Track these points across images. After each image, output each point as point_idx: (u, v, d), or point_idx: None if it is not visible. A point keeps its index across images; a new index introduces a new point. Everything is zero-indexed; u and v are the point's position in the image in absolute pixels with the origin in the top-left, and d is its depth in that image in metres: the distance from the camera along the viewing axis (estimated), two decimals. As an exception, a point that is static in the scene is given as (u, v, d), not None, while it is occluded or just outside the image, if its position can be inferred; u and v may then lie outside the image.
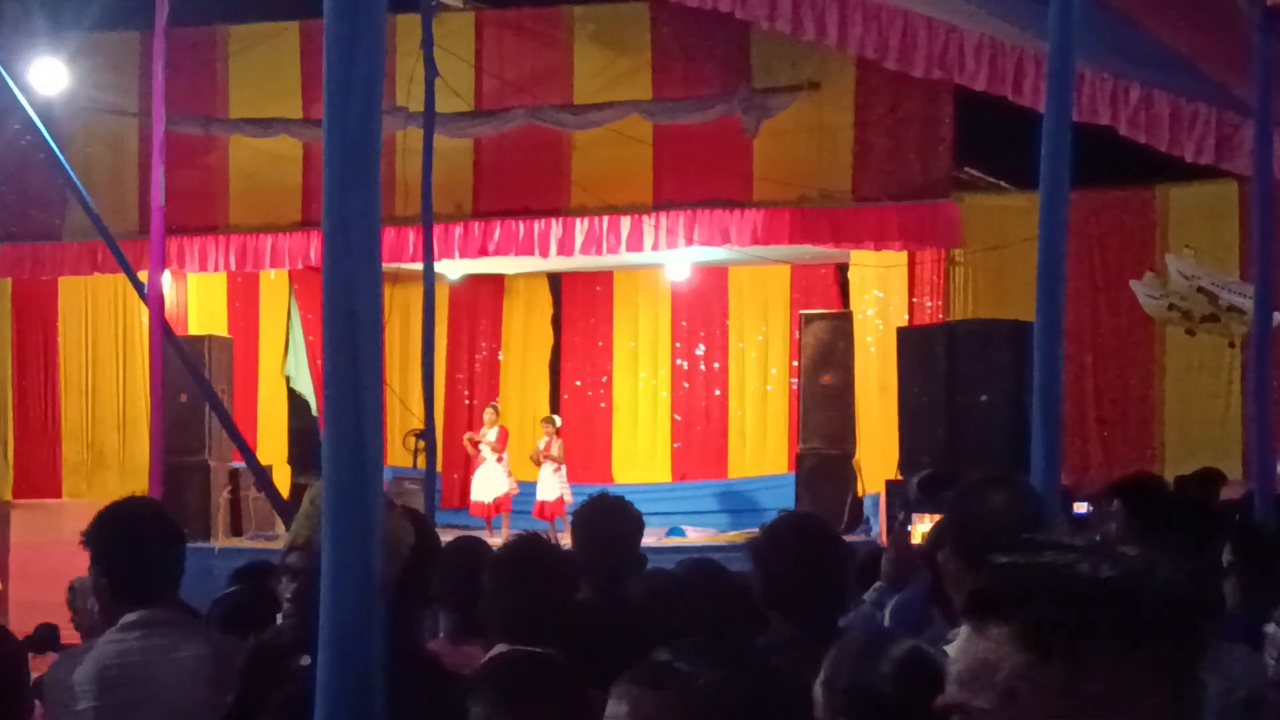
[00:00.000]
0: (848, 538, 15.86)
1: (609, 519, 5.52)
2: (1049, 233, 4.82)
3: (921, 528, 8.76)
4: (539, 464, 19.96)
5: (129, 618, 4.52)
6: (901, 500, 12.72)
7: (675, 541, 18.09)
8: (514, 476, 20.12)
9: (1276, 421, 8.48)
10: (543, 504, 19.70)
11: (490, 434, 20.23)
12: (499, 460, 20.05)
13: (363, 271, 2.50)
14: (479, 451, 20.31)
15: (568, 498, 19.35)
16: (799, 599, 4.39)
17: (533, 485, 19.93)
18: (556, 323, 23.13)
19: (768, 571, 4.49)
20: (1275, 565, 5.81)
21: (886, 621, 6.59)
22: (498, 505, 19.94)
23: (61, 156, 13.51)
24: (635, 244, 18.18)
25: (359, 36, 2.50)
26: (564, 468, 19.85)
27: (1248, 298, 14.32)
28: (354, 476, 2.51)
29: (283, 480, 19.40)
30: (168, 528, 4.70)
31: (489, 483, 20.04)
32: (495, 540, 18.26)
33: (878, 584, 7.13)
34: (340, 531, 2.51)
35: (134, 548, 4.52)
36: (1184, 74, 12.08)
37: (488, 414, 20.59)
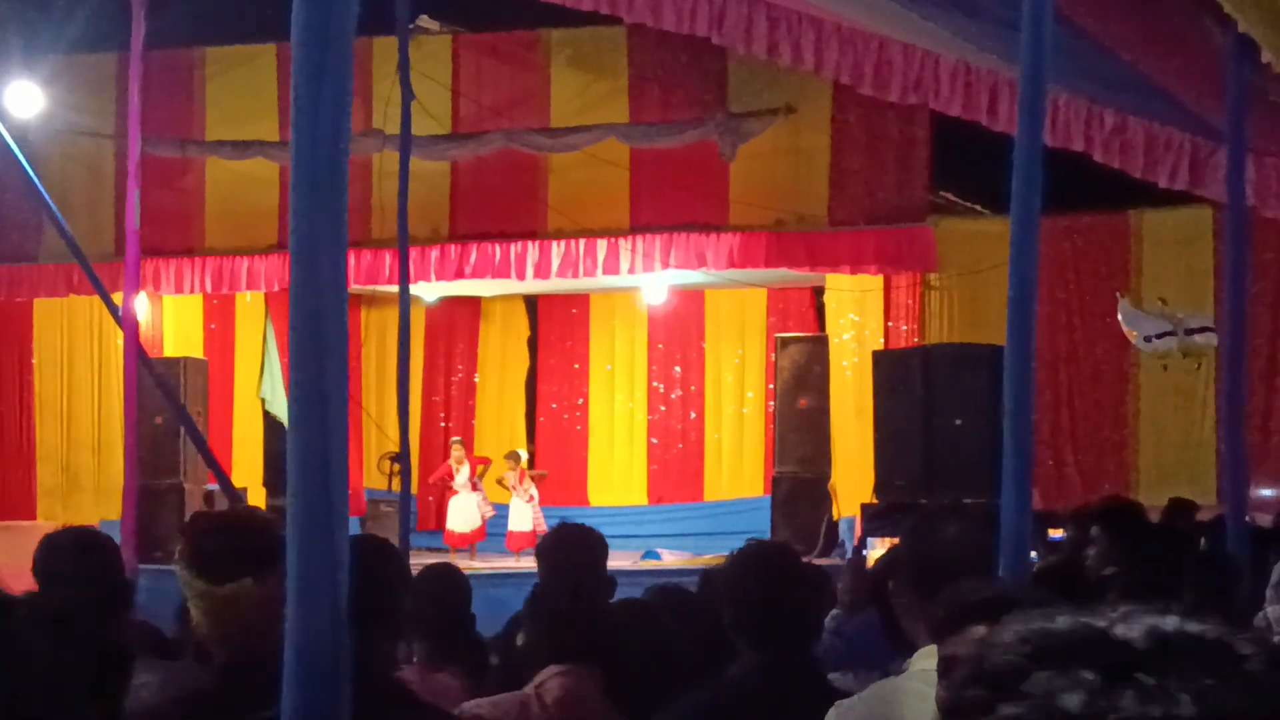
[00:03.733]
0: (822, 561, 15.91)
1: (571, 545, 5.53)
2: (1020, 257, 4.82)
3: (877, 553, 8.78)
4: (508, 488, 19.95)
5: None
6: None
7: (651, 564, 18.05)
8: (489, 500, 20.08)
9: (1248, 446, 8.49)
10: (515, 535, 19.66)
11: (464, 471, 20.16)
12: (472, 489, 20.01)
13: (330, 299, 2.50)
14: (449, 486, 20.25)
15: (543, 528, 19.30)
16: (765, 628, 4.38)
17: (507, 508, 19.90)
18: (533, 345, 23.11)
19: (733, 600, 4.49)
20: (1228, 590, 5.84)
21: (844, 648, 6.58)
22: (468, 537, 19.89)
23: (36, 179, 13.47)
24: (612, 267, 18.20)
25: (326, 63, 2.50)
26: (536, 497, 19.79)
27: (1160, 336, 14.47)
28: (320, 502, 2.50)
29: (258, 503, 19.32)
30: (99, 558, 4.58)
31: (464, 512, 19.99)
32: (474, 566, 18.26)
33: (834, 611, 7.11)
34: (306, 558, 2.50)
35: (70, 580, 4.41)
36: (1158, 100, 12.12)
37: (455, 450, 20.48)
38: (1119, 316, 16.18)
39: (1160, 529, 7.35)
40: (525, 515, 19.66)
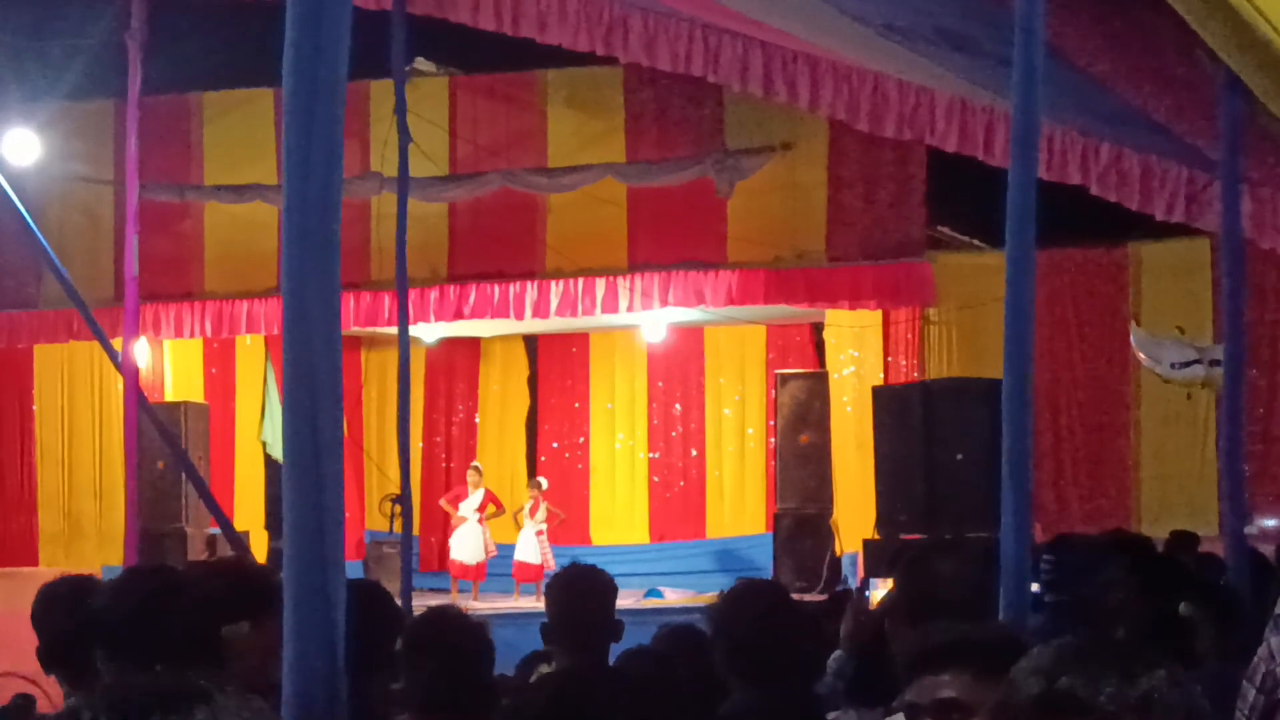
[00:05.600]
0: (825, 598, 15.86)
1: (580, 586, 5.50)
2: (1016, 291, 4.82)
3: (880, 594, 8.71)
4: (520, 525, 19.92)
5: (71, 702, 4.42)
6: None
7: (654, 603, 18.01)
8: (493, 539, 20.06)
9: (1250, 476, 8.49)
10: (522, 565, 19.64)
11: (475, 496, 20.14)
12: (480, 521, 19.99)
13: (322, 343, 2.50)
14: (457, 510, 20.23)
15: (550, 563, 19.26)
16: (759, 666, 4.36)
17: (512, 547, 19.87)
18: (533, 384, 23.09)
19: (724, 639, 4.47)
20: (1239, 615, 5.82)
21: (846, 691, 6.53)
22: (471, 570, 19.86)
23: (34, 226, 13.51)
24: (610, 306, 18.20)
25: (317, 110, 2.51)
26: (546, 530, 19.76)
27: (1187, 364, 14.44)
28: (314, 545, 2.51)
29: (260, 546, 19.30)
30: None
31: (468, 543, 19.97)
32: (475, 606, 18.24)
33: (837, 653, 7.05)
34: (302, 601, 2.50)
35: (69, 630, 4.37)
36: (1153, 133, 12.14)
37: (471, 475, 20.50)
38: (1134, 344, 16.12)
39: (1170, 562, 7.33)
40: (533, 547, 19.62)
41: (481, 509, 20.08)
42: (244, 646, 3.59)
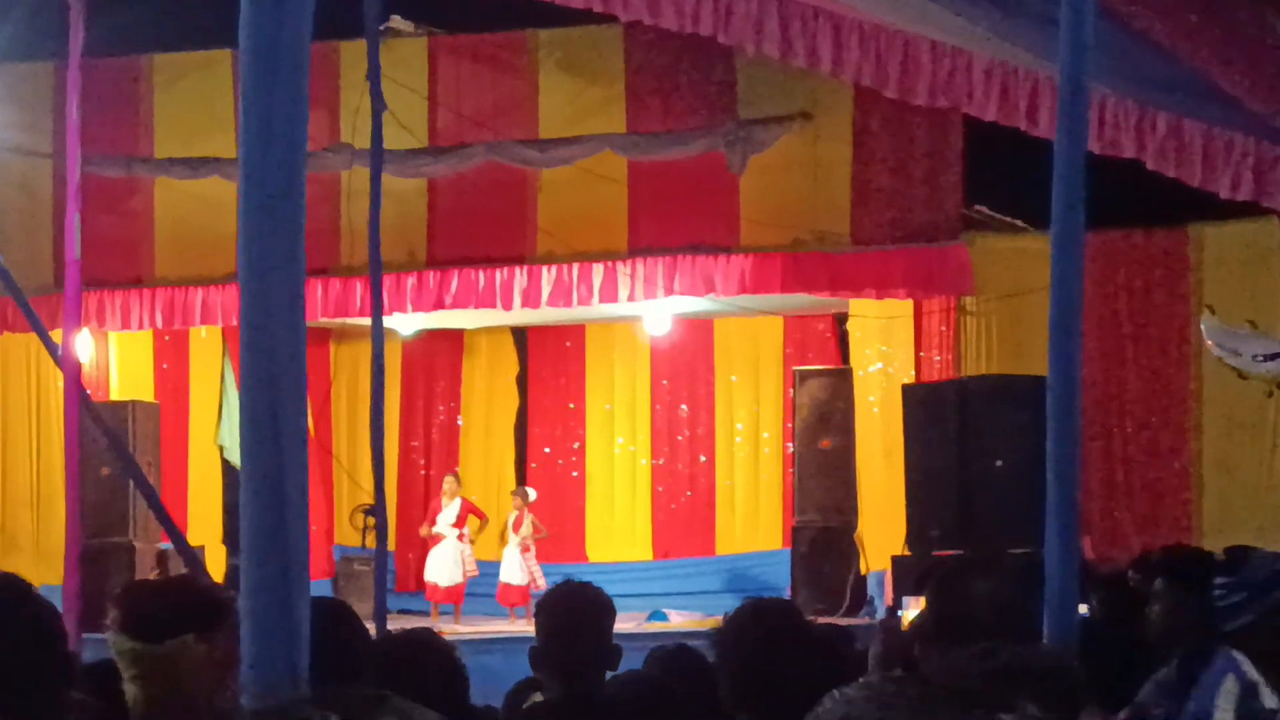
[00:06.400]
0: (849, 621, 15.88)
1: (574, 606, 5.50)
2: (1062, 279, 4.83)
3: (913, 614, 8.71)
4: (504, 542, 19.93)
5: None
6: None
7: (657, 626, 18.02)
8: (474, 556, 20.08)
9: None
10: (506, 587, 19.65)
11: (451, 509, 20.16)
12: (460, 538, 19.99)
13: (284, 333, 2.50)
14: (434, 526, 20.23)
15: (539, 581, 19.28)
16: (769, 697, 4.35)
17: (497, 565, 19.88)
18: (522, 383, 23.08)
19: (729, 667, 4.46)
20: None
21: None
22: (452, 592, 19.87)
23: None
24: (609, 295, 18.20)
25: (279, 73, 2.50)
26: (534, 548, 19.78)
27: (1272, 357, 14.40)
28: (277, 563, 2.51)
29: (217, 563, 19.32)
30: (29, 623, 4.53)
31: (444, 562, 19.97)
32: (455, 628, 18.25)
33: (864, 679, 7.05)
34: (262, 622, 2.50)
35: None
36: (1216, 102, 12.13)
37: (447, 484, 20.52)
38: (1205, 335, 16.09)
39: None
40: (517, 565, 19.63)
41: (459, 523, 20.08)
42: (191, 663, 3.59)
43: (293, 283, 2.59)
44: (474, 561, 20.07)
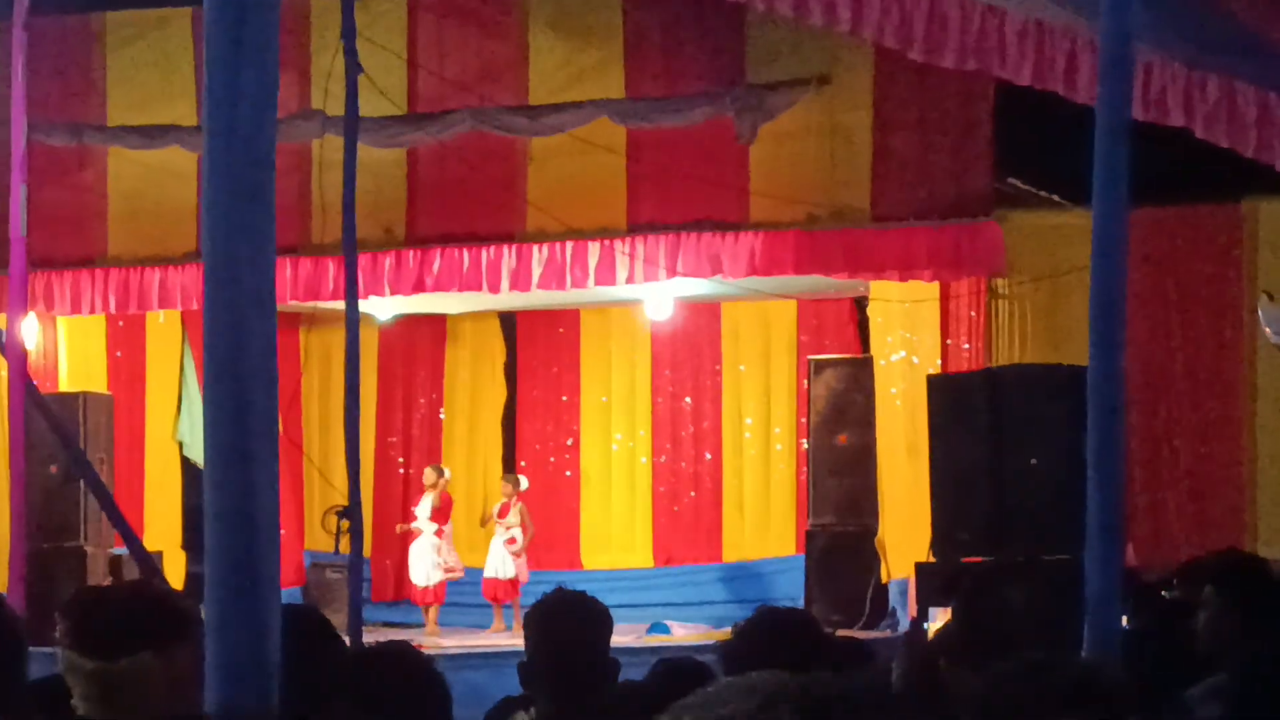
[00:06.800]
0: (868, 634, 15.89)
1: (567, 617, 5.51)
2: (1104, 259, 4.83)
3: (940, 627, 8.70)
4: (484, 524, 19.97)
5: None
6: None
7: (658, 640, 18.02)
8: (457, 555, 20.12)
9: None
10: (493, 583, 19.68)
11: (427, 501, 20.18)
12: (438, 534, 20.01)
13: (253, 317, 2.50)
14: (414, 521, 20.27)
15: (524, 577, 19.33)
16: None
17: (479, 572, 19.92)
18: (511, 373, 23.08)
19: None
20: None
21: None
22: (428, 593, 19.90)
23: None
24: (606, 276, 18.19)
25: (246, 32, 2.50)
26: (522, 539, 19.81)
27: None
28: (244, 567, 2.51)
29: (176, 570, 19.32)
30: None
31: (420, 561, 20.02)
32: (437, 641, 18.28)
33: None
34: (228, 635, 2.51)
35: None
36: (1273, 63, 12.15)
37: (428, 476, 20.53)
38: (1262, 322, 16.10)
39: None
40: (505, 560, 19.68)
41: (437, 517, 20.11)
42: (151, 682, 3.59)
43: (261, 263, 2.59)
44: (457, 561, 20.07)
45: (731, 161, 17.98)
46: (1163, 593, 8.96)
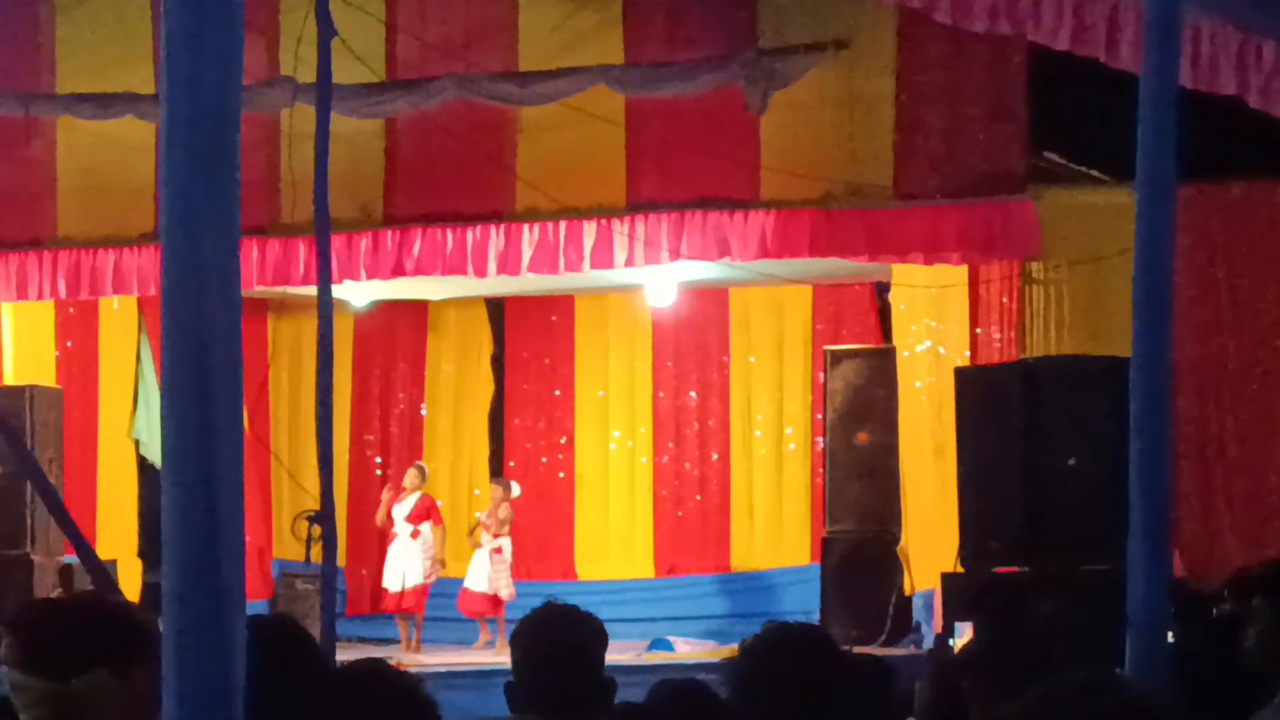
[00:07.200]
0: (890, 652, 15.90)
1: (559, 633, 5.51)
2: (1149, 240, 4.83)
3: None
4: (477, 543, 19.98)
5: None
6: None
7: (660, 658, 18.07)
8: (439, 563, 20.13)
9: None
10: (470, 595, 19.69)
11: (408, 502, 20.20)
12: (413, 536, 20.01)
13: (217, 304, 2.50)
14: (390, 515, 20.28)
15: (504, 592, 19.33)
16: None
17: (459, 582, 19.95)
18: (498, 365, 23.12)
19: (751, 703, 4.48)
20: None
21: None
22: (405, 598, 19.90)
23: None
24: (603, 259, 18.21)
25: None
26: (507, 549, 19.82)
27: None
28: (205, 579, 2.51)
29: (131, 579, 19.34)
30: None
31: (396, 563, 20.03)
32: (416, 658, 18.30)
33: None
34: (188, 651, 2.51)
35: None
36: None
37: (409, 476, 20.53)
38: None
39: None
40: (485, 571, 19.69)
41: (414, 518, 20.12)
42: (105, 703, 3.60)
43: (226, 244, 2.59)
44: (434, 565, 20.07)
45: (741, 134, 17.99)
46: (1213, 607, 8.97)
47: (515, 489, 20.55)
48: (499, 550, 19.81)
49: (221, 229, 2.57)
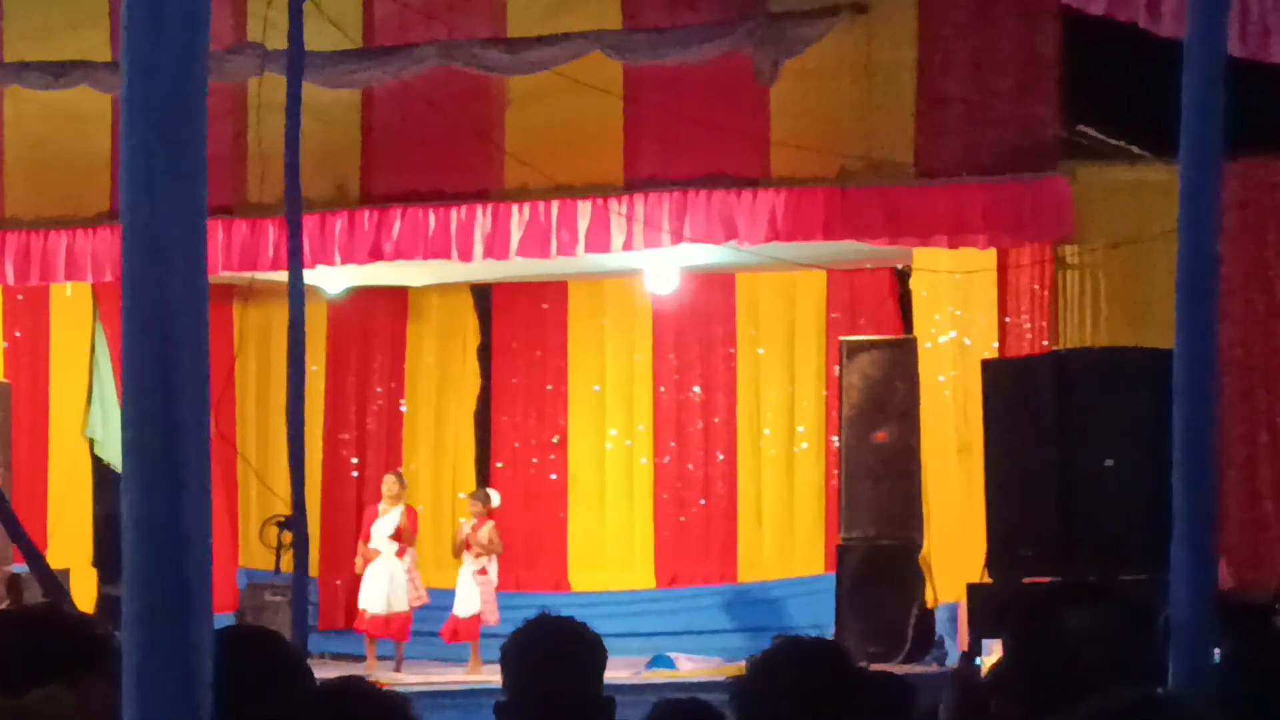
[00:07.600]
0: (911, 669, 15.91)
1: (551, 648, 5.52)
2: (1194, 221, 4.84)
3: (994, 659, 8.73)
4: (458, 556, 19.98)
5: None
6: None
7: (661, 675, 18.10)
8: (422, 581, 20.12)
9: None
10: (459, 621, 19.68)
11: (391, 515, 20.18)
12: (399, 554, 20.01)
13: (180, 300, 2.50)
14: (369, 539, 20.25)
15: (489, 615, 19.30)
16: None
17: (452, 593, 19.92)
18: (485, 357, 23.12)
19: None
20: None
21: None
22: (391, 624, 19.89)
23: None
24: (599, 242, 18.21)
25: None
26: (493, 571, 19.81)
27: None
28: (170, 586, 2.51)
29: (85, 590, 19.34)
30: None
31: (377, 586, 20.00)
32: (398, 677, 18.29)
33: None
34: (150, 666, 2.51)
35: None
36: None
37: (388, 485, 20.53)
38: None
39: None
40: (472, 593, 19.68)
41: (398, 535, 20.11)
42: (57, 716, 3.61)
43: (190, 225, 2.59)
44: (421, 588, 20.09)
45: (749, 105, 18.00)
46: (1263, 619, 9.00)
47: (495, 498, 20.49)
48: (483, 571, 19.77)
49: (187, 208, 2.57)
